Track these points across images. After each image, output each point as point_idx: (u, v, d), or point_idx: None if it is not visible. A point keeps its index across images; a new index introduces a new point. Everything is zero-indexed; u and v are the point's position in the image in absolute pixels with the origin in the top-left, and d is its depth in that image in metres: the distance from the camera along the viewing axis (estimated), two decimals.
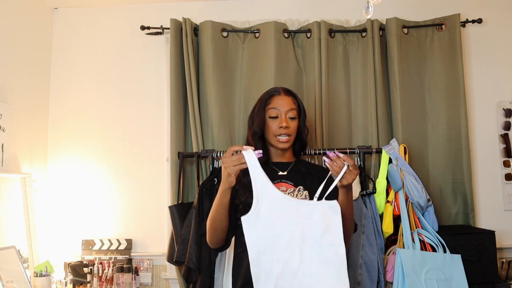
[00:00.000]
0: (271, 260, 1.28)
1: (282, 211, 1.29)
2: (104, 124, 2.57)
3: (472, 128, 2.49)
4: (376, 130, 2.37)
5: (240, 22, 2.52)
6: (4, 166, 2.08)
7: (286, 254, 1.28)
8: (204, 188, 2.10)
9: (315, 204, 1.30)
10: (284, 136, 1.53)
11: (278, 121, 1.53)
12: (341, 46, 2.48)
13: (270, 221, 1.29)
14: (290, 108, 1.55)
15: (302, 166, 1.59)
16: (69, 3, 2.62)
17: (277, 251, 1.28)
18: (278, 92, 1.59)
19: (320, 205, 1.30)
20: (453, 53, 2.44)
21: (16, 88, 2.27)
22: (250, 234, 1.29)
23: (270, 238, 1.29)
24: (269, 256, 1.28)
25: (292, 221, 1.29)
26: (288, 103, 1.56)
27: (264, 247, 1.29)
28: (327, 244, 1.27)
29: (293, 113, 1.56)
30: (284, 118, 1.53)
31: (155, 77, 2.59)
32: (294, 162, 1.61)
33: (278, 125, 1.53)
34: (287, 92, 1.60)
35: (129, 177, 2.53)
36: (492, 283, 2.04)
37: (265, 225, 1.29)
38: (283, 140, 1.53)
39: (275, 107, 1.55)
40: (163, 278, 2.45)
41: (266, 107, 1.57)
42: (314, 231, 1.28)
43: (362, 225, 2.03)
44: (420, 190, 2.06)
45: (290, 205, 1.30)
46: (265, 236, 1.29)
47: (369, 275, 1.99)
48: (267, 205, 1.29)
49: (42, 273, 2.09)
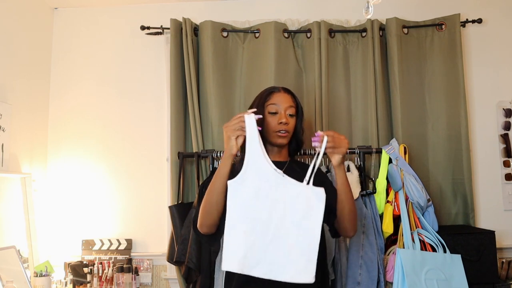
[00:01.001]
0: (245, 229, 1.29)
1: (268, 184, 1.31)
2: (104, 124, 2.57)
3: (472, 128, 2.49)
4: (376, 130, 2.37)
5: (240, 22, 2.52)
6: (4, 166, 2.08)
7: (262, 227, 1.29)
8: (204, 188, 2.07)
9: (302, 186, 1.32)
10: (283, 131, 1.53)
11: (278, 117, 1.53)
12: (341, 46, 2.48)
13: (254, 192, 1.30)
14: (289, 105, 1.56)
15: (297, 166, 1.58)
16: (69, 3, 2.62)
17: (254, 222, 1.30)
18: (278, 90, 1.59)
19: (307, 189, 1.31)
20: (453, 53, 2.44)
21: (16, 88, 2.27)
22: (232, 199, 1.31)
23: (250, 207, 1.30)
24: (245, 225, 1.29)
25: (275, 197, 1.30)
26: (288, 100, 1.56)
27: (242, 215, 1.30)
28: (305, 228, 1.29)
29: (292, 110, 1.56)
30: (284, 114, 1.53)
31: (155, 77, 2.59)
32: (289, 162, 1.60)
33: (277, 121, 1.53)
34: (286, 90, 1.61)
35: (129, 177, 2.53)
36: (492, 283, 2.04)
37: (248, 194, 1.30)
38: (281, 135, 1.52)
39: (275, 103, 1.55)
40: (163, 278, 2.45)
41: (265, 103, 1.56)
42: (295, 213, 1.30)
43: (362, 225, 2.03)
44: (420, 190, 2.06)
45: (277, 182, 1.31)
46: (246, 205, 1.30)
47: (369, 275, 1.99)
48: (254, 175, 1.31)
49: (42, 273, 2.09)
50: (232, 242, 1.30)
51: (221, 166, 1.39)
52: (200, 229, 1.44)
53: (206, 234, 1.44)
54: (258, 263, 1.30)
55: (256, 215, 1.31)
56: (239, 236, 1.30)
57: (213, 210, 1.40)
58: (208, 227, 1.42)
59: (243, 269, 1.30)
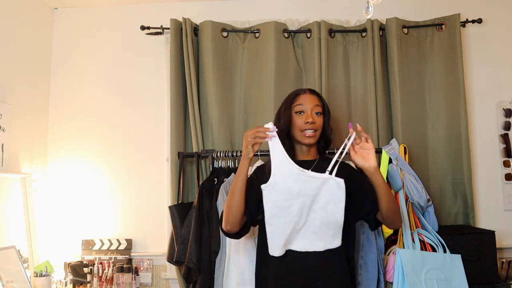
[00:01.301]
0: (283, 222, 1.48)
1: (295, 184, 1.47)
2: (104, 124, 2.57)
3: (472, 128, 2.49)
4: (376, 130, 2.37)
5: (240, 22, 2.52)
6: (4, 166, 2.08)
7: (296, 218, 1.48)
8: (204, 188, 2.10)
9: (325, 178, 1.47)
10: (310, 130, 1.58)
11: (304, 117, 1.59)
12: (341, 46, 2.48)
13: (284, 192, 1.48)
14: (315, 104, 1.61)
15: (326, 164, 1.60)
16: (69, 3, 2.62)
17: (289, 216, 1.48)
18: (304, 91, 1.65)
19: (329, 180, 1.47)
20: (453, 53, 2.44)
21: (16, 88, 2.27)
22: (267, 201, 1.49)
23: (284, 205, 1.48)
24: (281, 219, 1.48)
25: (304, 192, 1.47)
26: (314, 100, 1.62)
27: (277, 212, 1.49)
28: (330, 210, 1.47)
29: (319, 109, 1.62)
30: (310, 114, 1.59)
31: (155, 77, 2.58)
32: (318, 160, 1.65)
33: (304, 120, 1.59)
34: (312, 91, 1.67)
35: (129, 177, 2.53)
36: (492, 283, 2.04)
37: (279, 195, 1.48)
38: (309, 135, 1.58)
39: (301, 103, 1.61)
40: (163, 278, 2.45)
41: (292, 105, 1.63)
42: (321, 199, 1.48)
43: (362, 225, 2.03)
44: (420, 190, 2.06)
45: (303, 180, 1.47)
46: (279, 204, 1.49)
47: (369, 275, 1.99)
48: (282, 178, 1.48)
49: (42, 273, 2.09)
50: (272, 234, 1.50)
51: (240, 169, 1.52)
52: (224, 228, 1.55)
53: (230, 232, 1.56)
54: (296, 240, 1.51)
55: (289, 210, 1.48)
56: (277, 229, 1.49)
57: (235, 209, 1.51)
58: (232, 225, 1.53)
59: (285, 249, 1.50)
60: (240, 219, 1.53)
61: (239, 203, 1.51)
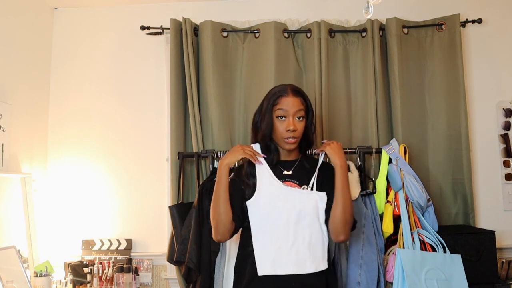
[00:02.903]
0: (269, 237, 1.50)
1: (279, 198, 1.52)
2: (104, 124, 2.57)
3: (472, 128, 2.49)
4: (376, 130, 2.37)
5: (240, 22, 2.52)
6: (4, 166, 2.08)
7: (283, 233, 1.50)
8: (204, 188, 2.10)
9: (308, 193, 1.54)
10: (291, 138, 1.55)
11: (286, 123, 1.54)
12: (341, 46, 2.48)
13: (269, 207, 1.52)
14: (297, 109, 1.55)
15: (307, 163, 1.62)
16: (69, 3, 2.62)
17: (275, 231, 1.50)
18: (286, 93, 1.56)
19: (312, 194, 1.53)
20: (453, 53, 2.44)
21: (16, 88, 2.27)
22: (253, 216, 1.53)
23: (269, 220, 1.51)
24: (268, 234, 1.50)
25: (289, 206, 1.51)
26: (296, 104, 1.55)
27: (264, 227, 1.51)
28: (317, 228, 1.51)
29: (301, 113, 1.56)
30: (292, 121, 1.53)
31: (155, 77, 2.58)
32: (300, 159, 1.63)
33: (285, 128, 1.54)
34: (295, 92, 1.57)
35: (129, 177, 2.53)
36: (492, 283, 2.04)
37: (264, 210, 1.52)
38: (289, 142, 1.56)
39: (283, 107, 1.55)
40: (163, 278, 2.45)
41: (273, 107, 1.56)
42: (307, 216, 1.51)
43: (362, 225, 2.03)
44: (420, 190, 2.06)
45: (287, 194, 1.53)
46: (265, 218, 1.52)
47: (369, 275, 1.98)
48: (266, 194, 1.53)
49: (42, 273, 2.09)
50: (260, 250, 1.51)
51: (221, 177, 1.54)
52: (215, 239, 1.55)
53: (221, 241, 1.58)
54: (286, 263, 1.48)
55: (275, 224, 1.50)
56: (265, 245, 1.50)
57: (223, 218, 1.51)
58: (222, 235, 1.53)
59: (276, 270, 1.48)
60: (230, 227, 1.53)
61: (226, 211, 1.52)
